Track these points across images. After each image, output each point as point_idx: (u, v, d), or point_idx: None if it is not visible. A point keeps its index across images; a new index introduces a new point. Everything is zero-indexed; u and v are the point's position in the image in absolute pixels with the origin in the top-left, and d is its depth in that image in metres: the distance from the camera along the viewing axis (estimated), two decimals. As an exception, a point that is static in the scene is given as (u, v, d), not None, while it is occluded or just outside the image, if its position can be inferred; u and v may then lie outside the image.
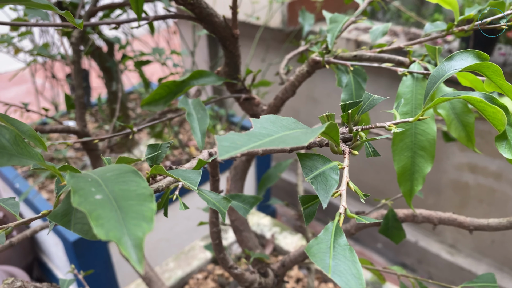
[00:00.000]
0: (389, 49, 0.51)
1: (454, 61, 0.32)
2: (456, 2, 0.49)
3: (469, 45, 1.68)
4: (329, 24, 0.55)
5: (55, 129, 0.73)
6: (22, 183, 1.68)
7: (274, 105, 0.59)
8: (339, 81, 0.51)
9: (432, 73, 0.31)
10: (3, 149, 0.22)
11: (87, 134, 0.78)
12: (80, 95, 0.77)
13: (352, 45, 1.91)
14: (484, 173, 1.76)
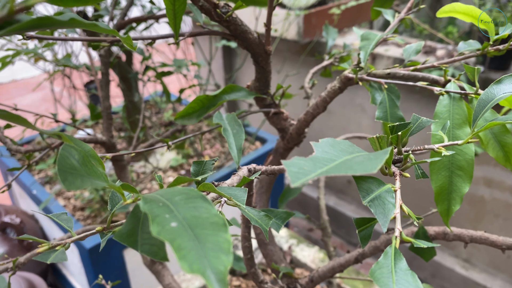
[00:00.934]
0: (423, 67, 0.51)
1: (504, 84, 0.32)
2: (492, 23, 0.49)
3: (486, 59, 1.68)
4: (361, 41, 0.56)
5: (83, 140, 0.74)
6: (39, 190, 1.70)
7: (304, 120, 0.60)
8: (373, 98, 0.51)
9: (481, 97, 0.32)
10: (74, 170, 0.23)
11: (114, 144, 0.79)
12: (107, 107, 0.78)
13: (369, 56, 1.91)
14: (500, 188, 1.74)
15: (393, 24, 0.60)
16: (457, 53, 1.62)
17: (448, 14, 0.52)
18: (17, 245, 1.78)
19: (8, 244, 1.77)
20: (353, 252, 0.59)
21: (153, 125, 1.95)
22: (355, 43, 1.96)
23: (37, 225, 1.89)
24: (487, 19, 0.49)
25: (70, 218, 0.31)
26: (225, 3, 0.52)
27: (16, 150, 0.75)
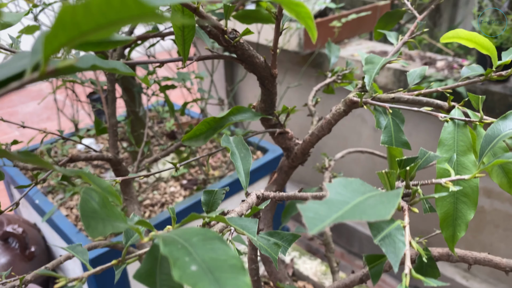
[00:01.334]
0: (427, 91, 0.52)
1: (509, 120, 0.33)
2: (494, 48, 0.50)
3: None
4: (365, 64, 0.57)
5: (89, 157, 0.75)
6: (42, 199, 1.70)
7: (309, 141, 0.60)
8: (377, 122, 0.52)
9: (487, 132, 0.32)
10: (95, 214, 0.23)
11: (120, 161, 0.79)
12: (113, 124, 0.79)
13: (368, 68, 1.92)
14: (501, 198, 1.74)
15: (397, 48, 0.60)
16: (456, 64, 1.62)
17: (452, 40, 0.52)
18: (19, 254, 1.78)
19: (10, 254, 1.77)
20: (357, 272, 0.60)
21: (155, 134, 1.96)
22: (355, 54, 1.97)
23: (39, 234, 1.89)
24: (490, 45, 0.50)
25: (85, 250, 0.32)
26: (233, 29, 0.53)
27: (23, 167, 0.75)
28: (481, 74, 0.52)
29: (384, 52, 2.00)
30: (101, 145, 2.08)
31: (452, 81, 1.68)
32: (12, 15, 0.59)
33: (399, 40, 0.63)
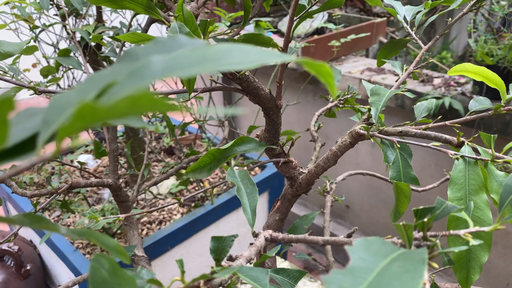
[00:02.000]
0: (435, 125, 0.51)
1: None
2: (503, 82, 0.49)
3: (482, 88, 1.69)
4: (371, 96, 0.56)
5: (89, 184, 0.73)
6: (39, 217, 1.67)
7: (315, 172, 0.59)
8: (385, 156, 0.50)
9: (506, 182, 0.31)
10: (106, 283, 0.22)
11: (120, 187, 0.78)
12: (114, 149, 0.77)
13: (365, 85, 1.92)
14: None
15: (402, 78, 0.60)
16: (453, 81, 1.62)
17: (459, 73, 0.52)
18: (14, 272, 1.74)
19: (6, 272, 1.74)
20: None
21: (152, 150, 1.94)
22: (352, 71, 1.97)
23: (35, 251, 1.86)
24: (498, 79, 0.49)
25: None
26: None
27: (22, 194, 0.73)
28: (489, 108, 0.51)
29: (380, 69, 2.00)
30: (99, 161, 2.06)
31: (449, 99, 1.68)
32: (13, 45, 0.58)
33: (404, 70, 0.62)
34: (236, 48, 0.22)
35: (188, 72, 0.18)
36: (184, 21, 0.44)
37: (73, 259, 1.43)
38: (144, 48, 0.24)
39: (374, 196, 2.08)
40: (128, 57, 0.24)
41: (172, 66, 0.19)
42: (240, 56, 0.21)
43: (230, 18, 1.35)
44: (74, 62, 0.98)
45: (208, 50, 0.21)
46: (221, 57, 0.20)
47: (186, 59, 0.20)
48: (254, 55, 0.21)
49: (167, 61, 0.20)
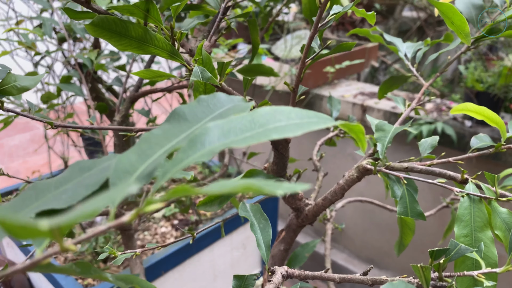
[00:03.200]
0: (439, 162, 0.54)
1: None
2: (502, 122, 0.53)
3: (472, 114, 1.74)
4: (376, 132, 0.58)
5: (95, 213, 0.74)
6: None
7: (322, 205, 0.61)
8: (392, 192, 0.53)
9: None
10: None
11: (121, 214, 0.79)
12: (119, 178, 0.79)
13: (358, 109, 1.96)
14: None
15: (405, 114, 0.63)
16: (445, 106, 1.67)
17: (461, 112, 0.55)
18: (3, 297, 1.71)
19: (-7, 297, 1.71)
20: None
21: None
22: (345, 95, 2.02)
23: (24, 276, 1.83)
24: (498, 119, 0.52)
25: None
26: (250, 98, 0.54)
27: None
28: (490, 146, 0.54)
29: (373, 93, 2.05)
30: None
31: (441, 124, 1.73)
32: (28, 79, 0.59)
33: (406, 106, 0.65)
34: (279, 110, 0.24)
35: (243, 142, 0.20)
36: (203, 63, 0.46)
37: (65, 285, 1.41)
38: (190, 107, 0.26)
39: (367, 219, 2.10)
40: (177, 117, 0.26)
41: (227, 133, 0.22)
42: (284, 119, 0.23)
43: (228, 45, 1.38)
44: (76, 89, 1.00)
45: (255, 114, 0.23)
46: (268, 121, 0.23)
47: (238, 125, 0.22)
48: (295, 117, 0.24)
49: (222, 128, 0.22)
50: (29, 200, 0.23)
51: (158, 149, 0.22)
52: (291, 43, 2.19)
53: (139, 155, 0.22)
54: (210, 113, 0.26)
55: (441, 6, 0.46)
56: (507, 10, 0.64)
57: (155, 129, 0.25)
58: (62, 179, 0.25)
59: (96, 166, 0.26)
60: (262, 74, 0.95)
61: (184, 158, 0.20)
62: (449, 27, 0.49)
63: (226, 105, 0.27)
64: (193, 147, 0.21)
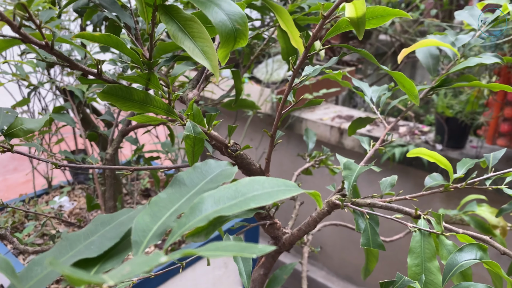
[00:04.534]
0: (397, 199, 0.63)
1: (464, 252, 0.43)
2: (450, 165, 0.62)
3: (443, 138, 1.86)
4: (344, 170, 0.67)
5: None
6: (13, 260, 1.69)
7: (297, 235, 0.69)
8: (357, 225, 0.61)
9: (448, 262, 0.42)
10: None
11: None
12: (111, 207, 0.85)
13: (336, 132, 2.06)
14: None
15: (370, 154, 0.72)
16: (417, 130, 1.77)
17: (416, 155, 0.64)
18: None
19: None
20: None
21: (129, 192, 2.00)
22: (324, 118, 2.12)
23: (5, 297, 1.85)
24: (446, 163, 0.61)
25: None
26: (234, 142, 0.62)
27: (23, 250, 0.80)
28: (441, 185, 0.63)
29: (350, 116, 2.15)
30: (75, 203, 2.09)
31: (413, 146, 1.83)
32: (34, 122, 0.66)
33: (371, 146, 0.74)
34: (256, 180, 0.32)
35: (229, 210, 0.28)
36: (193, 116, 0.54)
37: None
38: (187, 174, 0.34)
39: (345, 238, 2.19)
40: (178, 182, 0.33)
41: (217, 201, 0.29)
42: (260, 187, 0.31)
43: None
44: (68, 119, 1.06)
45: (238, 185, 0.31)
46: (248, 191, 0.31)
47: (226, 194, 0.30)
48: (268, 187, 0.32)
49: (214, 197, 0.30)
50: (65, 250, 0.31)
51: (166, 212, 0.30)
52: (272, 66, 2.29)
53: (152, 217, 0.30)
54: (203, 178, 0.34)
55: (394, 74, 0.55)
56: (458, 63, 0.74)
57: (161, 193, 0.33)
58: (89, 232, 0.32)
59: (114, 221, 0.33)
60: (245, 108, 1.03)
61: (187, 222, 0.28)
62: (401, 89, 0.58)
63: (215, 171, 0.35)
64: (193, 213, 0.29)
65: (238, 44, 0.39)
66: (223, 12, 0.37)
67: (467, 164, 0.64)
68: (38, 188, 2.11)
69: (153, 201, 0.32)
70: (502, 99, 1.58)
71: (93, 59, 0.44)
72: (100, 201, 0.90)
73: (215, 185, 0.33)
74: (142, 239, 0.28)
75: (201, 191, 0.32)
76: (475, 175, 0.62)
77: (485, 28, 0.77)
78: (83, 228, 0.97)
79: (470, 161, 0.65)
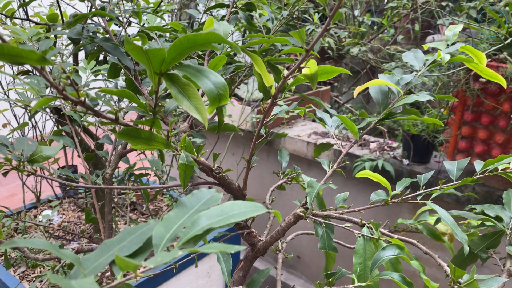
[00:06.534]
0: (349, 211, 0.80)
1: (386, 250, 0.59)
2: (389, 184, 0.79)
3: (410, 154, 2.06)
4: (307, 187, 0.83)
5: (91, 249, 0.95)
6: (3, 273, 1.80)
7: (269, 241, 0.86)
8: (316, 232, 0.78)
9: (374, 258, 0.59)
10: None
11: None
12: (109, 220, 1.00)
13: (312, 147, 2.24)
14: (428, 264, 2.06)
15: (329, 174, 0.89)
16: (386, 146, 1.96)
17: (363, 176, 0.81)
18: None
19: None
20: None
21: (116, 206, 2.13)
22: (301, 134, 2.29)
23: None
24: (387, 183, 0.78)
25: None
26: (218, 166, 0.79)
27: (34, 258, 0.94)
28: (383, 199, 0.80)
29: (325, 133, 2.34)
30: (63, 216, 2.21)
31: (381, 161, 2.02)
32: (50, 149, 0.82)
33: (330, 167, 0.91)
34: (236, 203, 0.49)
35: (217, 224, 0.45)
36: (185, 146, 0.70)
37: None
38: (188, 199, 0.50)
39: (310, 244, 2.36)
40: (181, 205, 0.50)
41: (209, 218, 0.46)
42: (238, 208, 0.48)
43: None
44: (68, 141, 1.21)
45: (223, 206, 0.48)
46: (230, 211, 0.47)
47: (215, 213, 0.46)
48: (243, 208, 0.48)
49: (207, 215, 0.46)
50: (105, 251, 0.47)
51: (174, 225, 0.46)
52: (253, 85, 2.47)
53: (165, 228, 0.46)
54: (199, 201, 0.51)
55: (340, 117, 0.73)
56: (402, 98, 0.92)
57: (170, 211, 0.49)
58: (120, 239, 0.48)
59: (136, 231, 0.49)
60: (227, 131, 1.20)
61: (189, 232, 0.44)
62: (346, 127, 0.75)
63: (207, 196, 0.52)
64: (193, 226, 0.45)
65: (221, 103, 0.55)
66: (211, 82, 0.54)
67: (404, 183, 0.82)
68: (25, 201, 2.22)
69: (165, 218, 0.48)
70: (459, 119, 1.79)
71: (113, 109, 0.60)
72: (97, 215, 1.04)
73: (207, 207, 0.49)
74: (160, 243, 0.44)
75: (198, 211, 0.48)
76: (408, 192, 0.80)
77: (425, 69, 0.95)
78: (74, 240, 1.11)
79: (408, 180, 0.83)
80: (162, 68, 0.54)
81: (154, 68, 0.54)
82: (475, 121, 1.74)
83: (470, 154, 1.80)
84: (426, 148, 2.03)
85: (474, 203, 1.80)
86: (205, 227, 0.44)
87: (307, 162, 2.34)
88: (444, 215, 0.69)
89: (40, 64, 0.52)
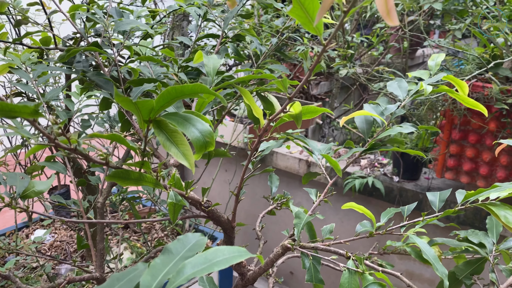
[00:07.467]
0: (335, 242, 0.82)
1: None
2: (373, 216, 0.81)
3: (400, 171, 2.09)
4: (295, 218, 0.86)
5: (83, 278, 0.96)
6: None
7: (259, 272, 0.88)
8: (303, 264, 0.80)
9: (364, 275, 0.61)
10: None
11: (105, 279, 1.01)
12: (101, 248, 1.02)
13: (304, 164, 2.27)
14: (420, 279, 2.08)
15: (317, 203, 0.91)
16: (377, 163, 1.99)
17: (348, 207, 0.83)
18: None
19: None
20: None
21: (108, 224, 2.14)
22: (293, 151, 2.32)
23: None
24: (372, 216, 0.81)
25: None
26: (207, 200, 0.81)
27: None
28: (368, 231, 0.82)
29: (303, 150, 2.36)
30: (55, 235, 2.22)
31: (371, 178, 2.04)
32: (42, 184, 0.83)
33: (317, 197, 0.93)
34: (219, 250, 0.51)
35: (202, 272, 0.47)
36: (175, 184, 0.73)
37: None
38: (174, 244, 0.53)
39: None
40: (167, 251, 0.52)
41: (194, 266, 0.48)
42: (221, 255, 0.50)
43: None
44: (60, 168, 1.22)
45: (207, 253, 0.50)
46: (213, 258, 0.49)
47: (199, 261, 0.48)
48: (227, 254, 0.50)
49: (192, 263, 0.48)
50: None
51: (160, 273, 0.48)
52: (244, 103, 2.49)
53: (151, 277, 0.48)
54: (184, 247, 0.53)
55: (325, 156, 0.75)
56: (386, 129, 0.95)
57: (156, 258, 0.51)
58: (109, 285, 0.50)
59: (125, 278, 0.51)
60: (218, 156, 1.22)
61: (174, 281, 0.46)
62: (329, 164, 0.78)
63: (192, 241, 0.54)
64: (177, 276, 0.47)
65: (208, 149, 0.58)
66: (197, 130, 0.56)
67: (388, 214, 0.84)
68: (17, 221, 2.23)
69: (152, 265, 0.50)
70: (447, 138, 1.82)
71: (103, 154, 0.62)
72: (89, 242, 1.06)
73: (192, 253, 0.51)
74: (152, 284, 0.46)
75: (183, 258, 0.50)
76: (392, 224, 0.82)
77: (408, 99, 0.98)
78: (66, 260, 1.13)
79: (393, 210, 0.85)
80: (151, 116, 0.57)
81: (143, 117, 0.56)
82: (463, 139, 1.78)
83: (458, 172, 1.83)
84: (416, 165, 2.06)
85: (463, 221, 1.83)
86: (190, 276, 0.46)
87: (299, 178, 2.36)
88: (425, 248, 0.72)
89: (33, 117, 0.54)
